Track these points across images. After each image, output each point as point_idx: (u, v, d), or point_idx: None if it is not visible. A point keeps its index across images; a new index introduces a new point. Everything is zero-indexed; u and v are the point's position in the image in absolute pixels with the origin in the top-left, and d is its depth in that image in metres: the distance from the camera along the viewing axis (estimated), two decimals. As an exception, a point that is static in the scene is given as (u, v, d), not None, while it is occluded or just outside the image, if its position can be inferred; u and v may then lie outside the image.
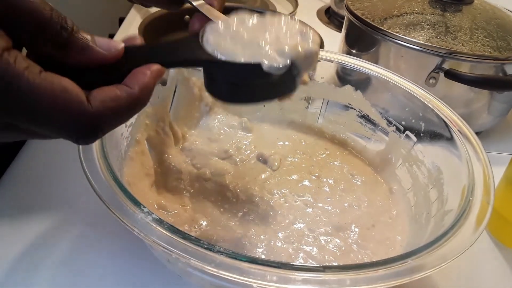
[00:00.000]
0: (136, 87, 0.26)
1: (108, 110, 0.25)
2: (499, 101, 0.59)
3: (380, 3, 0.64)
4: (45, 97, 0.23)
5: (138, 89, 0.26)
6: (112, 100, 0.25)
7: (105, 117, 0.25)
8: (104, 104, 0.25)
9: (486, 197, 0.35)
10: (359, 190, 0.48)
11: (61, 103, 0.23)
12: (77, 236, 0.42)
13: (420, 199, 0.44)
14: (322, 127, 0.56)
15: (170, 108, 0.49)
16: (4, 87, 0.22)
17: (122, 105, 0.25)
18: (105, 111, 0.25)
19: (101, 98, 0.25)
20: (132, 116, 0.27)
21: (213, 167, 0.48)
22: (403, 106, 0.48)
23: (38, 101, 0.23)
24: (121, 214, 0.30)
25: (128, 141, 0.43)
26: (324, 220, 0.43)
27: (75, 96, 0.24)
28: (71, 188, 0.46)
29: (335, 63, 0.53)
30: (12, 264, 0.39)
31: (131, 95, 0.26)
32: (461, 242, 0.31)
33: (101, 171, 0.33)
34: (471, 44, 0.56)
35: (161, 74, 0.28)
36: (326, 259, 0.39)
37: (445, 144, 0.43)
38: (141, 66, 0.27)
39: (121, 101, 0.25)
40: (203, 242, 0.28)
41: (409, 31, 0.58)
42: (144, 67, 0.27)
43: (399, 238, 0.42)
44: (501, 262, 0.45)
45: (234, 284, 0.29)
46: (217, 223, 0.41)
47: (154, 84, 0.27)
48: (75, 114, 0.24)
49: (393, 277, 0.28)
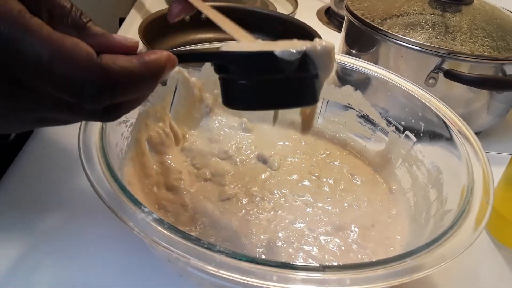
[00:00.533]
0: (147, 57, 0.26)
1: (118, 67, 0.25)
2: (498, 101, 0.59)
3: (380, 3, 0.64)
4: (55, 50, 0.23)
5: (149, 59, 0.26)
6: (123, 61, 0.25)
7: (115, 73, 0.25)
8: (113, 60, 0.25)
9: (486, 197, 0.36)
10: (359, 190, 0.48)
11: (72, 55, 0.23)
12: (77, 236, 0.42)
13: (420, 199, 0.44)
14: (322, 127, 0.56)
15: (170, 109, 0.49)
16: (19, 38, 0.23)
17: (132, 67, 0.25)
18: (114, 67, 0.24)
19: (111, 57, 0.25)
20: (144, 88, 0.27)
21: (213, 167, 0.48)
22: (403, 106, 0.48)
23: (48, 54, 0.23)
24: (121, 214, 0.30)
25: (128, 141, 0.43)
26: (324, 220, 0.43)
27: (85, 50, 0.24)
28: (72, 188, 0.46)
29: (335, 63, 0.53)
30: (12, 264, 0.39)
31: (142, 61, 0.26)
32: (461, 242, 0.31)
33: (102, 171, 0.33)
34: (470, 44, 0.56)
35: (172, 59, 0.28)
36: (326, 258, 0.39)
37: (445, 144, 0.43)
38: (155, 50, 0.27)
39: (131, 63, 0.25)
40: (203, 241, 0.29)
41: (409, 31, 0.58)
42: (156, 50, 0.27)
43: (398, 237, 0.42)
44: (501, 262, 0.45)
45: (234, 284, 0.29)
46: (217, 223, 0.41)
47: (165, 63, 0.27)
48: (85, 65, 0.24)
49: (392, 276, 0.28)
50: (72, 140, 0.35)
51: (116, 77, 0.25)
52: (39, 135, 0.53)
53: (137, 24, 0.73)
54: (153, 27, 0.72)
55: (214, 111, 0.54)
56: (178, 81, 0.49)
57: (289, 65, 0.29)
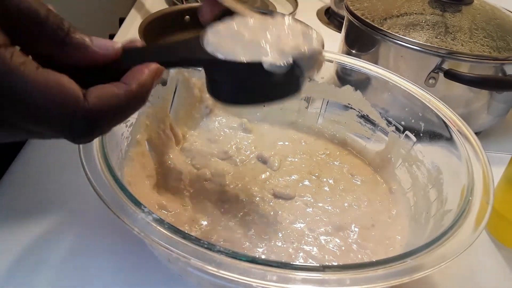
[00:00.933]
0: (133, 84, 0.26)
1: (105, 106, 0.24)
2: (498, 101, 0.59)
3: (380, 3, 0.64)
4: (40, 92, 0.22)
5: (136, 86, 0.26)
6: (109, 96, 0.25)
7: (101, 114, 0.24)
8: (101, 101, 0.24)
9: (486, 197, 0.35)
10: (359, 190, 0.48)
11: (56, 99, 0.23)
12: (77, 235, 0.42)
13: (420, 199, 0.44)
14: (322, 127, 0.56)
15: (170, 109, 0.49)
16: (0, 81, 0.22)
17: (119, 102, 0.25)
18: (102, 107, 0.24)
19: (97, 95, 0.24)
20: (130, 115, 0.26)
21: (213, 167, 0.48)
22: (403, 106, 0.48)
23: (33, 96, 0.22)
24: (121, 214, 0.30)
25: (128, 141, 0.43)
26: (324, 220, 0.43)
27: (71, 91, 0.23)
28: (72, 188, 0.46)
29: (335, 63, 0.53)
30: (12, 264, 0.39)
31: (128, 92, 0.25)
32: (461, 242, 0.31)
33: (102, 171, 0.33)
34: (470, 44, 0.56)
35: (159, 73, 0.27)
36: (326, 258, 0.39)
37: (445, 144, 0.43)
38: (140, 65, 0.27)
39: (118, 97, 0.25)
40: (203, 241, 0.29)
41: (409, 31, 0.58)
42: (143, 66, 0.27)
43: (398, 237, 0.42)
44: (501, 262, 0.45)
45: (234, 284, 0.29)
46: (217, 223, 0.42)
47: (153, 82, 0.27)
48: (70, 109, 0.23)
49: (392, 276, 0.28)
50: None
51: (104, 116, 0.25)
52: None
53: (137, 24, 0.73)
54: (153, 27, 0.72)
55: (214, 111, 0.54)
56: (178, 81, 0.49)
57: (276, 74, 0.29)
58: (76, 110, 0.23)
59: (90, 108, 0.24)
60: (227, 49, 0.29)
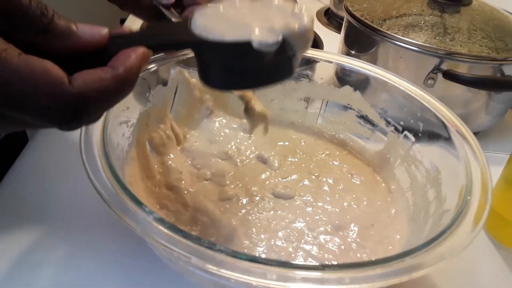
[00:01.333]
0: (120, 68, 0.25)
1: (91, 91, 0.24)
2: (497, 101, 0.60)
3: (379, 4, 0.65)
4: (23, 79, 0.22)
5: (123, 70, 0.25)
6: (95, 81, 0.24)
7: (88, 99, 0.24)
8: (86, 85, 0.24)
9: (484, 197, 0.36)
10: (358, 189, 0.48)
11: (40, 84, 0.22)
12: (78, 235, 0.42)
13: (419, 199, 0.45)
14: (322, 127, 0.56)
15: (171, 109, 0.49)
16: None
17: (106, 86, 0.24)
18: (88, 91, 0.23)
19: (83, 79, 0.24)
20: (118, 100, 0.26)
21: (214, 167, 0.48)
22: (402, 106, 0.49)
23: (15, 83, 0.22)
24: (123, 214, 0.30)
25: (129, 141, 0.43)
26: (324, 219, 0.44)
27: (55, 76, 0.23)
28: (73, 187, 0.47)
29: (334, 64, 0.53)
30: (12, 264, 0.39)
31: (115, 76, 0.25)
32: (459, 241, 0.32)
33: (103, 171, 0.33)
34: (469, 45, 0.56)
35: (146, 56, 0.27)
36: (325, 257, 0.40)
37: (443, 144, 0.43)
38: (126, 49, 0.26)
39: (105, 82, 0.24)
40: (204, 241, 0.29)
41: (408, 32, 0.58)
42: (129, 50, 0.26)
43: (397, 237, 0.43)
44: (499, 262, 0.45)
45: (234, 283, 0.29)
46: (218, 222, 0.42)
47: (140, 66, 0.26)
48: (55, 94, 0.23)
49: (391, 275, 0.29)
50: (73, 140, 0.35)
51: (91, 100, 0.24)
52: (41, 135, 0.54)
53: (138, 24, 0.73)
54: (153, 28, 0.72)
55: (214, 113, 0.54)
56: (179, 81, 0.49)
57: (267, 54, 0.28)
58: (62, 95, 0.23)
59: (75, 93, 0.23)
60: (215, 31, 0.28)
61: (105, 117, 0.37)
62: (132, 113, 0.44)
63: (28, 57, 0.22)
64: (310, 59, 0.53)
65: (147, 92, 0.46)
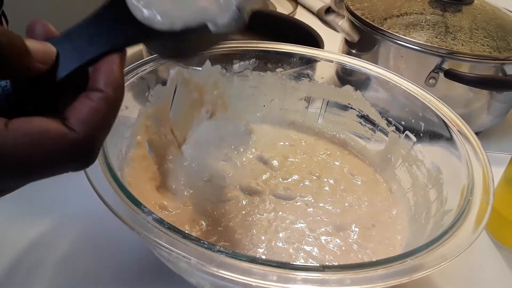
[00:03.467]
0: (109, 89, 0.23)
1: (94, 129, 0.22)
2: (498, 101, 0.59)
3: (380, 3, 0.64)
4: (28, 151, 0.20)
5: (112, 90, 0.23)
6: (93, 115, 0.22)
7: (94, 136, 0.23)
8: (87, 124, 0.22)
9: (486, 197, 0.35)
10: (359, 190, 0.48)
11: (45, 147, 0.21)
12: (77, 235, 0.42)
13: (420, 199, 0.44)
14: (322, 127, 0.56)
15: (170, 110, 0.49)
16: None
17: (104, 115, 0.23)
18: (91, 130, 0.22)
19: (80, 119, 0.22)
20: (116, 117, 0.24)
21: (213, 168, 0.48)
22: (403, 106, 0.48)
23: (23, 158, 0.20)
24: (121, 214, 0.30)
25: (128, 142, 0.43)
26: (325, 220, 0.43)
27: (55, 131, 0.21)
28: (72, 187, 0.46)
29: (335, 63, 0.53)
30: (12, 264, 0.39)
31: (108, 101, 0.23)
32: (461, 242, 0.31)
33: (102, 171, 0.33)
34: (471, 44, 0.56)
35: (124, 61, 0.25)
36: (326, 258, 0.40)
37: (445, 144, 0.43)
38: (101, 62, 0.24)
39: (101, 112, 0.23)
40: (203, 241, 0.29)
41: (409, 31, 0.58)
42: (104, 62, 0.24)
43: (399, 237, 0.42)
44: (501, 262, 0.45)
45: (234, 284, 0.29)
46: (218, 223, 0.42)
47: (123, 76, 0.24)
48: (64, 150, 0.22)
49: (392, 276, 0.28)
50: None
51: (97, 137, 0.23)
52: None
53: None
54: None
55: (215, 115, 0.54)
56: (178, 82, 0.49)
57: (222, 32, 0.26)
58: (71, 147, 0.22)
59: (81, 138, 0.22)
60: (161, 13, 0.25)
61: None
62: (131, 113, 0.44)
63: (15, 124, 0.21)
64: (310, 58, 0.53)
65: (146, 92, 0.46)
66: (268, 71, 0.53)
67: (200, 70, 0.50)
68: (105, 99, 0.23)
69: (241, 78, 0.53)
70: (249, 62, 0.53)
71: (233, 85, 0.53)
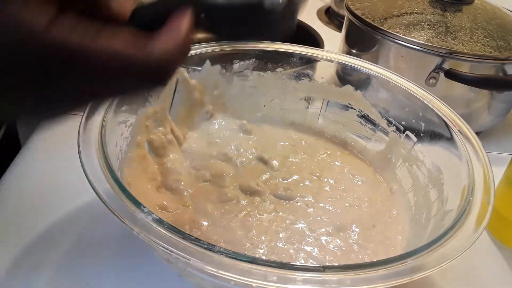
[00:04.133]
0: (182, 34, 0.24)
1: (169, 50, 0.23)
2: (499, 101, 0.59)
3: (380, 3, 0.64)
4: (115, 61, 0.22)
5: (184, 37, 0.24)
6: (173, 47, 0.23)
7: (170, 54, 0.23)
8: (167, 52, 0.23)
9: (486, 197, 0.35)
10: (359, 190, 0.48)
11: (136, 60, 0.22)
12: (77, 236, 0.42)
13: (420, 199, 0.44)
14: (322, 127, 0.56)
15: (170, 109, 0.49)
16: (61, 61, 0.20)
17: (180, 50, 0.24)
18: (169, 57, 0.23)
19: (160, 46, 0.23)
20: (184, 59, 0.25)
21: (213, 168, 0.47)
22: (403, 106, 0.48)
23: (107, 70, 0.22)
24: (121, 214, 0.30)
25: (128, 141, 0.43)
26: (325, 220, 0.43)
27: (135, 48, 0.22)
28: (71, 187, 0.46)
29: (335, 63, 0.53)
30: (12, 264, 0.39)
31: (181, 42, 0.24)
32: (461, 242, 0.31)
33: (101, 171, 0.33)
34: (471, 44, 0.56)
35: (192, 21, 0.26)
36: (326, 259, 0.39)
37: (445, 144, 0.43)
38: (176, 13, 0.25)
39: (179, 46, 0.24)
40: (203, 242, 0.28)
41: (409, 31, 0.58)
42: (178, 14, 0.25)
43: (399, 238, 0.42)
44: (501, 262, 0.45)
45: (234, 284, 0.29)
46: (218, 224, 0.41)
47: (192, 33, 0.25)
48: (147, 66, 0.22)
49: (393, 277, 0.28)
50: (71, 139, 0.35)
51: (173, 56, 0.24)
52: (39, 133, 0.53)
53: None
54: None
55: (214, 116, 0.54)
56: (178, 81, 0.49)
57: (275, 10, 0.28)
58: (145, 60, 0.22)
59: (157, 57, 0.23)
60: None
61: (103, 117, 0.37)
62: (131, 113, 0.44)
63: (104, 36, 0.22)
64: (310, 58, 0.52)
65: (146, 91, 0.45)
66: (268, 71, 0.53)
67: (200, 70, 0.50)
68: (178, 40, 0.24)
69: (241, 78, 0.53)
70: (249, 62, 0.53)
71: (233, 85, 0.53)
